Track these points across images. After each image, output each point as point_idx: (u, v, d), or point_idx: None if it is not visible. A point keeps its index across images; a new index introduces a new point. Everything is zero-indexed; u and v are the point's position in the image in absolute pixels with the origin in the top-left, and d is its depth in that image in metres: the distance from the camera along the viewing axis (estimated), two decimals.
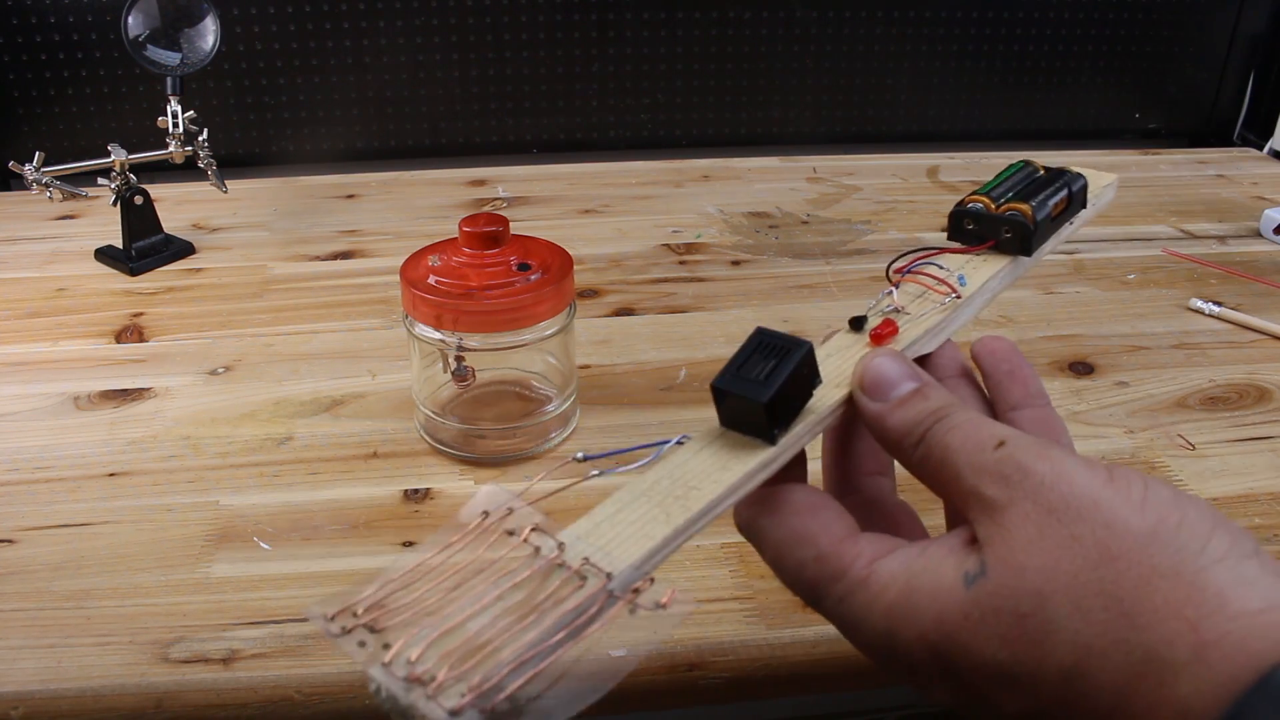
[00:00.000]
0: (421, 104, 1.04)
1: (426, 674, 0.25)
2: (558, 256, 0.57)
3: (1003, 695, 0.27)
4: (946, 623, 0.28)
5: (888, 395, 0.32)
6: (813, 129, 1.11)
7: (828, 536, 0.31)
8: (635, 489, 0.31)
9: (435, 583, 0.28)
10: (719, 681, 0.45)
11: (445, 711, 0.24)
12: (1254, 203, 0.95)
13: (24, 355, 0.68)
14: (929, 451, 0.31)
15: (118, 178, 0.79)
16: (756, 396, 0.30)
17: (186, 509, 0.54)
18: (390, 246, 0.84)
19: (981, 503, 0.29)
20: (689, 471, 0.31)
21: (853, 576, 0.30)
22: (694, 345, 0.70)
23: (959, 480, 0.30)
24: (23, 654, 0.44)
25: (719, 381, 0.31)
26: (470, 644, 0.25)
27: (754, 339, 0.32)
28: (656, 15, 1.02)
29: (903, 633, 0.29)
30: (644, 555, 0.28)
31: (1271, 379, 0.66)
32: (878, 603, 0.29)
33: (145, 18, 0.78)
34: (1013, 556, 0.27)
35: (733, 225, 0.89)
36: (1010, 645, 0.27)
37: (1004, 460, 0.29)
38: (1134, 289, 0.78)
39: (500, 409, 0.60)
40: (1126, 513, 0.27)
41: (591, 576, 0.27)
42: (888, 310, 0.38)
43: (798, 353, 0.31)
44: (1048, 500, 0.28)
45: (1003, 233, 0.40)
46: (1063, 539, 0.27)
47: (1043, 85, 1.10)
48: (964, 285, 0.39)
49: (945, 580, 0.28)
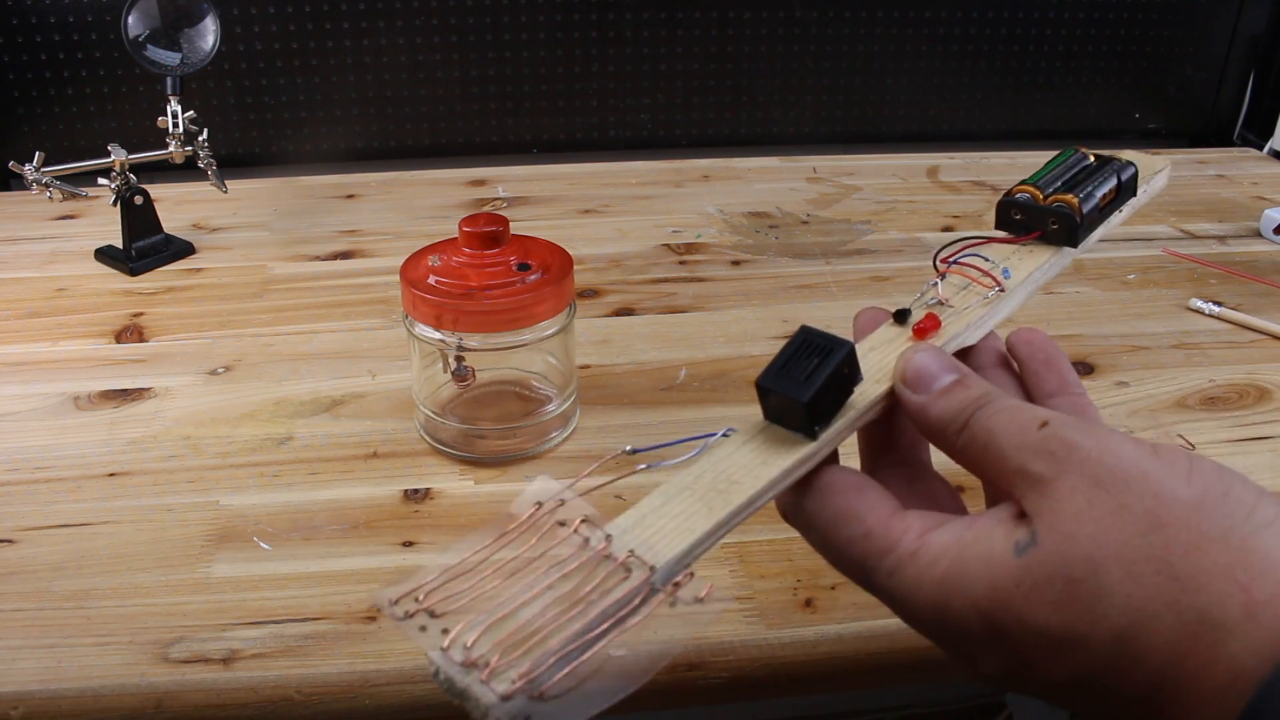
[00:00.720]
0: (421, 104, 1.04)
1: (481, 659, 0.26)
2: (558, 256, 0.57)
3: (1054, 661, 0.28)
4: (999, 590, 0.28)
5: (929, 387, 0.33)
6: (813, 129, 1.11)
7: (875, 514, 0.31)
8: (680, 483, 0.32)
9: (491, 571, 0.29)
10: (719, 681, 0.45)
11: (497, 696, 0.26)
12: (1254, 203, 0.95)
13: (24, 355, 0.68)
14: (973, 436, 0.31)
15: (118, 178, 0.79)
16: (798, 396, 0.32)
17: (186, 509, 0.54)
18: (390, 246, 0.84)
19: (1028, 479, 0.29)
20: (731, 466, 0.32)
21: (903, 550, 0.30)
22: (694, 345, 0.70)
23: (1004, 460, 0.30)
24: (23, 654, 0.44)
25: (763, 380, 0.33)
26: (521, 632, 0.27)
27: (798, 337, 0.33)
28: (656, 15, 1.02)
29: (955, 602, 0.29)
30: (686, 548, 0.30)
31: (1271, 379, 0.66)
32: (929, 574, 0.30)
33: (145, 18, 0.78)
34: (1063, 525, 0.28)
35: (733, 225, 0.89)
36: (1062, 610, 0.27)
37: (1049, 438, 0.29)
38: (1134, 289, 0.78)
39: (500, 409, 0.60)
40: (1174, 483, 0.27)
41: (636, 569, 0.29)
42: (931, 302, 0.38)
43: (840, 352, 0.32)
44: (1094, 473, 0.28)
45: (1049, 224, 0.40)
46: (1112, 508, 0.27)
47: (1043, 85, 1.10)
48: (1008, 278, 0.39)
49: (996, 549, 0.29)
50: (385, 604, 0.29)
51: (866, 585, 0.32)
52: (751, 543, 0.51)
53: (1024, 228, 0.41)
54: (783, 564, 0.50)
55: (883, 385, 0.34)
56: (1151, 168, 0.44)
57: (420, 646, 0.27)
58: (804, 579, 0.49)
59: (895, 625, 0.47)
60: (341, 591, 0.48)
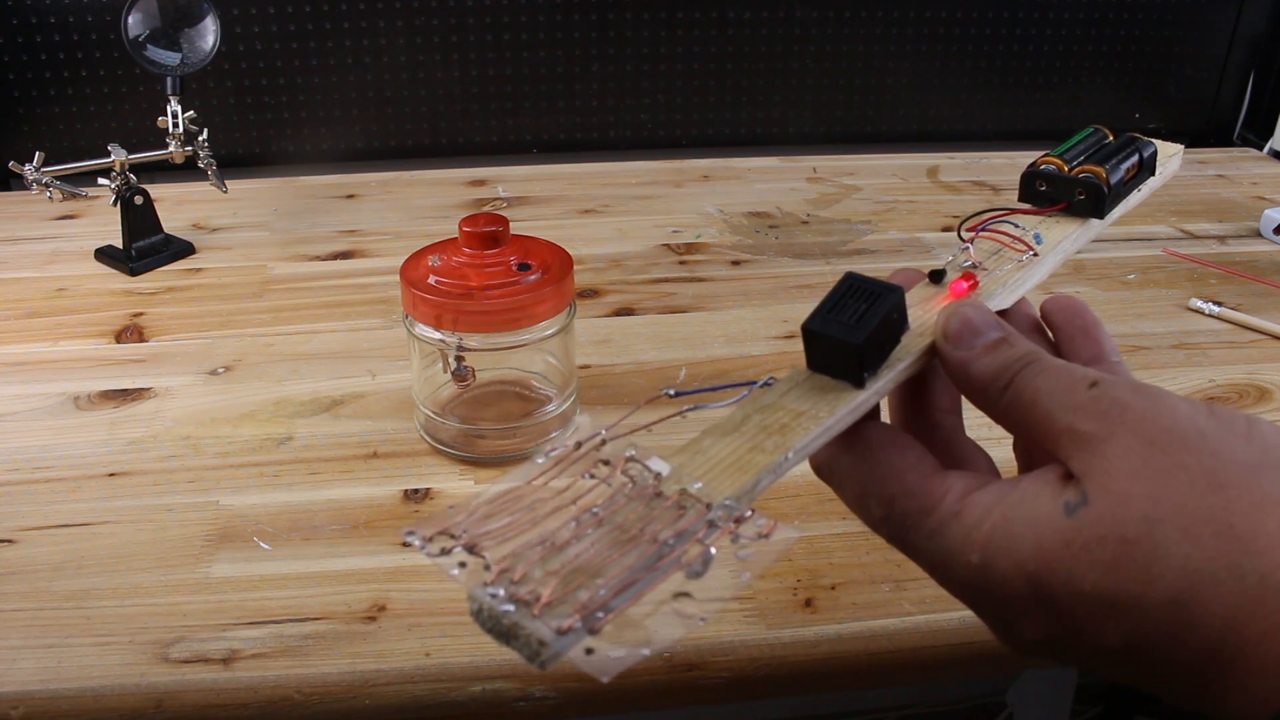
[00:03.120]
0: (421, 104, 1.04)
1: (531, 594, 0.24)
2: (558, 256, 0.57)
3: (1105, 625, 0.27)
4: (1047, 551, 0.27)
5: (973, 343, 0.32)
6: (813, 129, 1.11)
7: (916, 472, 0.31)
8: (726, 427, 0.31)
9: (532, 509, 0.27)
10: (719, 681, 0.45)
11: (553, 630, 0.23)
12: (1254, 203, 0.95)
13: (24, 355, 0.68)
14: (1018, 394, 0.30)
15: (118, 178, 0.79)
16: (851, 339, 0.30)
17: (186, 509, 0.54)
18: (390, 246, 0.84)
19: (1078, 439, 0.28)
20: (779, 412, 0.31)
21: (945, 509, 0.30)
22: (694, 345, 0.70)
23: (1051, 420, 0.29)
24: (23, 654, 0.44)
25: (810, 323, 0.31)
26: (573, 565, 0.25)
27: (844, 283, 0.32)
28: (656, 15, 1.02)
29: (999, 563, 0.28)
30: (741, 488, 0.28)
31: (1271, 379, 0.66)
32: (973, 535, 0.29)
33: (145, 18, 0.78)
34: (1116, 485, 0.27)
35: (733, 225, 0.89)
36: (1115, 572, 0.26)
37: (1099, 397, 0.28)
38: (1134, 289, 0.78)
39: (500, 409, 0.60)
40: (1233, 442, 0.26)
41: (691, 506, 0.27)
42: (965, 265, 0.38)
43: (890, 297, 0.31)
44: (1149, 433, 0.27)
45: (1076, 195, 0.40)
46: (1168, 467, 0.26)
47: (1043, 85, 1.10)
48: (1040, 244, 0.38)
49: (1044, 510, 0.28)
50: (418, 540, 0.26)
51: (903, 546, 0.31)
52: None
53: (1049, 199, 0.40)
54: (783, 564, 0.50)
55: (926, 339, 0.33)
56: (1166, 151, 0.44)
57: (459, 583, 0.25)
58: (804, 579, 0.49)
59: (895, 625, 0.47)
60: (341, 591, 0.48)
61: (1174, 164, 0.45)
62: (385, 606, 0.47)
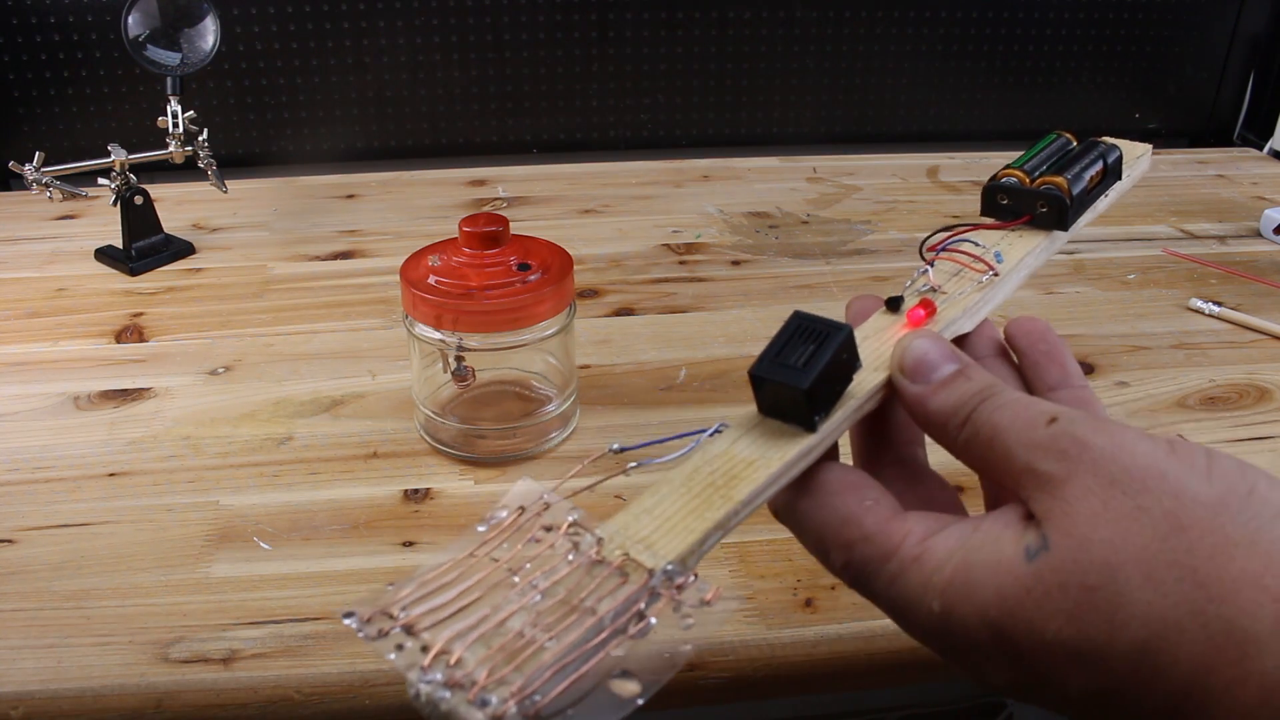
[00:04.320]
0: (421, 104, 1.04)
1: (467, 678, 0.24)
2: (558, 256, 0.57)
3: (1068, 674, 0.26)
4: (1008, 599, 0.26)
5: (929, 377, 0.31)
6: (813, 129, 1.11)
7: (873, 516, 0.30)
8: (674, 480, 0.30)
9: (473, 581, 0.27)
10: (719, 681, 0.45)
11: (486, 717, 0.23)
12: (1254, 203, 0.95)
13: (24, 355, 0.68)
14: (976, 432, 0.30)
15: (118, 178, 0.79)
16: (797, 383, 0.30)
17: (186, 509, 0.54)
18: (390, 246, 0.84)
19: (1037, 479, 0.28)
20: (728, 461, 0.30)
21: (904, 555, 0.29)
22: (694, 345, 0.70)
23: (1010, 459, 0.28)
24: (23, 654, 0.44)
25: (757, 369, 0.31)
26: (511, 645, 0.25)
27: (791, 323, 0.31)
28: (656, 15, 1.02)
29: (960, 610, 0.27)
30: (685, 549, 0.28)
31: (1271, 379, 0.66)
32: (933, 581, 0.28)
33: (145, 18, 0.78)
34: (1076, 529, 0.26)
35: (733, 225, 0.89)
36: (1077, 621, 0.25)
37: (1059, 435, 0.28)
38: (1134, 289, 0.78)
39: (500, 409, 0.60)
40: (1194, 482, 0.26)
41: (633, 573, 0.27)
42: (923, 290, 0.37)
43: (837, 337, 0.31)
44: (1109, 472, 0.26)
45: (1038, 207, 0.39)
46: (1128, 510, 0.26)
47: (1043, 85, 1.10)
48: (1001, 262, 0.38)
49: (1005, 555, 0.27)
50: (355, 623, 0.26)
51: (865, 591, 0.30)
52: (751, 543, 0.51)
53: (1012, 212, 0.40)
54: (783, 564, 0.50)
55: (881, 374, 0.33)
56: (1133, 153, 0.44)
57: (397, 668, 0.25)
58: (804, 579, 0.49)
59: (895, 625, 0.47)
60: (341, 591, 0.48)
61: (1142, 165, 0.44)
62: None
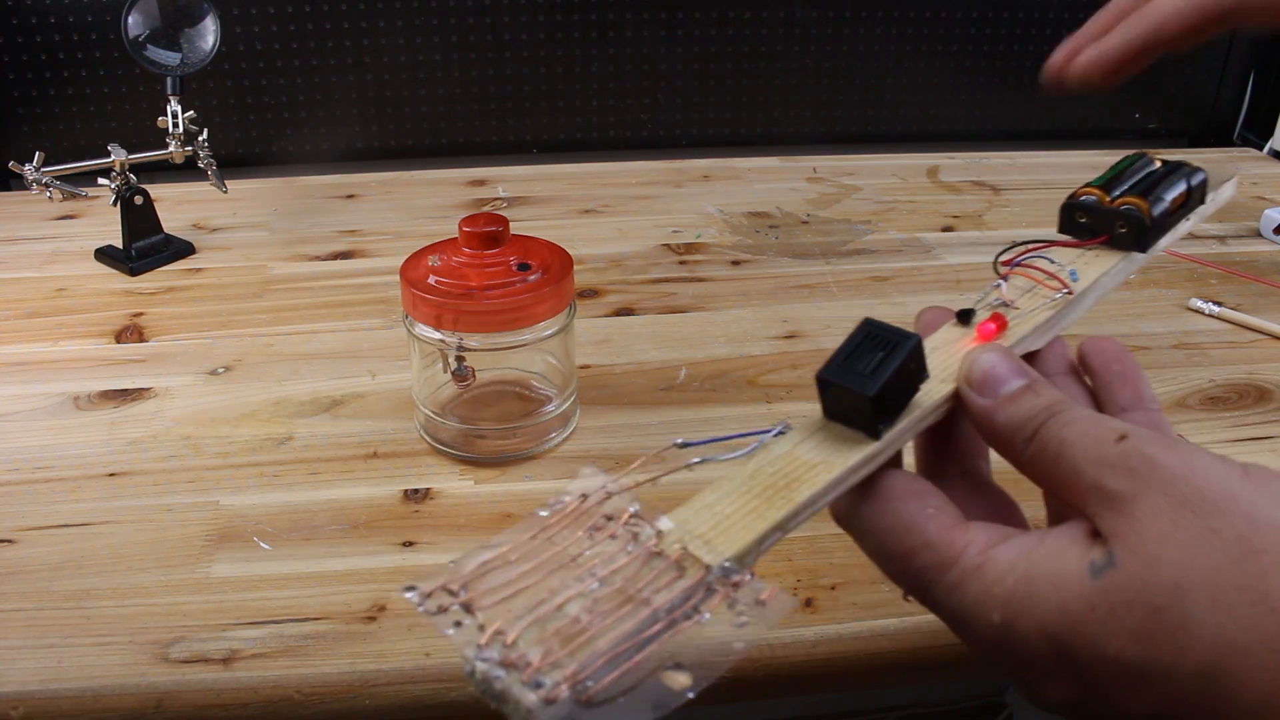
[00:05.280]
0: (421, 104, 1.04)
1: (521, 659, 0.24)
2: (558, 256, 0.57)
3: (1129, 694, 0.26)
4: (1070, 614, 0.26)
5: (996, 391, 0.31)
6: (813, 129, 1.11)
7: (936, 524, 0.30)
8: (735, 480, 0.30)
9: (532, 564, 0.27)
10: (719, 681, 0.45)
11: (539, 699, 0.24)
12: (1254, 203, 0.95)
13: (24, 355, 0.68)
14: (1043, 447, 0.29)
15: (118, 178, 0.79)
16: (864, 390, 0.30)
17: (186, 509, 0.54)
18: (390, 246, 0.84)
19: (1104, 496, 0.27)
20: (789, 464, 0.30)
21: (966, 564, 0.29)
22: (694, 345, 0.70)
23: (1077, 476, 0.28)
24: (23, 654, 0.44)
25: (825, 372, 0.31)
26: (566, 630, 0.25)
27: (861, 330, 0.31)
28: (656, 15, 1.02)
29: (1021, 623, 0.27)
30: (744, 548, 0.28)
31: (1271, 379, 0.66)
32: (994, 591, 0.28)
33: (145, 18, 0.78)
34: (1144, 548, 0.26)
35: (733, 225, 0.89)
36: (1142, 640, 0.25)
37: (1128, 453, 0.27)
38: (1134, 289, 0.78)
39: (500, 409, 0.60)
40: (1268, 507, 0.25)
41: (690, 567, 0.27)
42: (995, 304, 0.37)
43: (906, 345, 0.31)
44: (1179, 493, 0.26)
45: (1117, 227, 0.39)
46: (1199, 531, 0.25)
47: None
48: (1075, 281, 0.37)
49: (1069, 569, 0.27)
50: (416, 597, 0.27)
51: (923, 599, 0.30)
52: None
53: (1090, 231, 0.39)
54: (783, 564, 0.50)
55: (948, 386, 0.32)
56: (1220, 176, 0.43)
57: (454, 644, 0.26)
58: (804, 579, 0.49)
59: (895, 625, 0.47)
60: (341, 591, 0.48)
61: (1227, 192, 0.43)
62: (385, 606, 0.47)
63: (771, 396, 0.63)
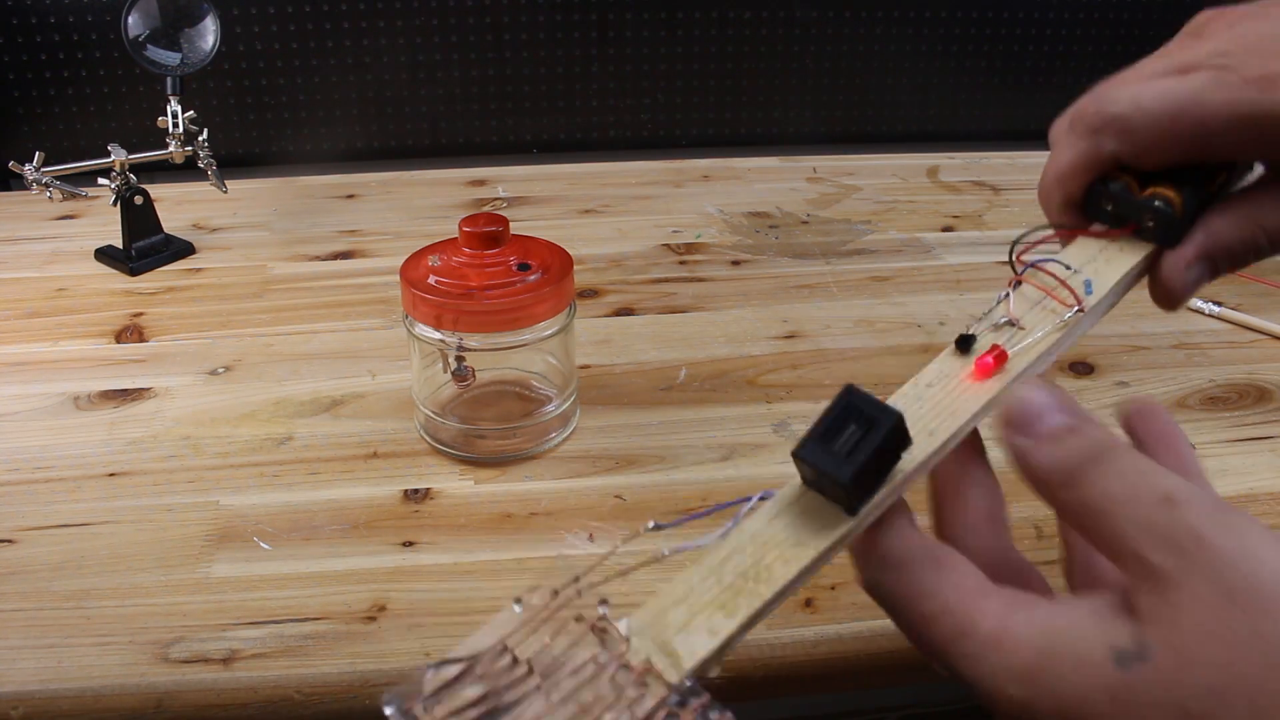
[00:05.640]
0: (421, 104, 1.04)
1: None
2: (558, 256, 0.57)
3: None
4: (1091, 703, 0.25)
5: (1034, 429, 0.29)
6: (813, 129, 1.11)
7: (955, 591, 0.28)
8: (707, 566, 0.30)
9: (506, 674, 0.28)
10: (719, 682, 0.45)
11: None
12: None
13: (24, 355, 0.68)
14: (1085, 497, 0.27)
15: (118, 178, 0.79)
16: (838, 473, 0.29)
17: (186, 509, 0.54)
18: (390, 246, 0.84)
19: (1146, 570, 0.25)
20: (763, 544, 0.30)
21: (982, 634, 0.27)
22: (694, 345, 0.70)
23: (1120, 538, 0.26)
24: (23, 654, 0.44)
25: (800, 451, 0.30)
26: None
27: (841, 400, 0.30)
28: (656, 15, 1.02)
29: (1040, 704, 0.26)
30: (709, 654, 0.28)
31: (1271, 379, 0.66)
32: (1011, 665, 0.26)
33: (145, 18, 0.78)
34: (1182, 643, 0.24)
35: (733, 225, 0.89)
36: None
37: (1176, 524, 0.25)
38: (1134, 288, 0.78)
39: (500, 409, 0.60)
40: None
41: (653, 684, 0.27)
42: (1000, 321, 0.34)
43: (886, 423, 0.29)
44: (1229, 582, 0.24)
45: (1145, 220, 0.36)
46: (1246, 634, 0.23)
47: (1043, 85, 1.10)
48: (1089, 295, 0.35)
49: (1092, 652, 0.25)
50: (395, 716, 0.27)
51: (943, 667, 0.29)
52: None
53: (1117, 219, 0.36)
54: None
55: (936, 439, 0.31)
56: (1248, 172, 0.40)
57: None
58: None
59: (895, 626, 0.47)
60: (341, 591, 0.48)
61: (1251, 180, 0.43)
62: (385, 606, 0.47)
63: (771, 396, 0.63)
